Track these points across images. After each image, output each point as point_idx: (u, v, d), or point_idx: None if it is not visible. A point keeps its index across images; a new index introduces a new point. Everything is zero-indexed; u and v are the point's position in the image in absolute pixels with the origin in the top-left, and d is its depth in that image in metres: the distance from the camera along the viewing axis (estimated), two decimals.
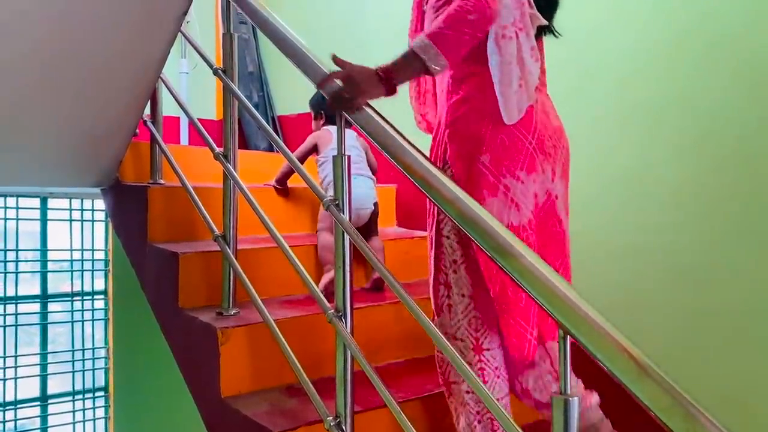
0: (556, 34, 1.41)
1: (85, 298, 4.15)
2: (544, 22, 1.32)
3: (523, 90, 1.27)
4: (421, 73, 1.27)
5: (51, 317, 4.08)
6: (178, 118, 3.86)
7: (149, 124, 2.21)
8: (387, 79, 1.24)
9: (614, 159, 1.99)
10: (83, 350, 4.15)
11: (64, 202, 4.04)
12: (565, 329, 0.81)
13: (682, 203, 1.84)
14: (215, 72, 1.83)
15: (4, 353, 3.87)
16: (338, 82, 1.27)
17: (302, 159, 2.30)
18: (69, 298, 4.09)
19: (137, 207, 2.13)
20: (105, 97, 1.91)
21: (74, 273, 4.14)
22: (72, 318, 4.12)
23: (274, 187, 2.42)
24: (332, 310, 1.27)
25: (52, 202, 4.03)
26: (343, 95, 1.25)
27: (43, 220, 4.01)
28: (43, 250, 4.03)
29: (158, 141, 2.15)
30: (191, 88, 3.81)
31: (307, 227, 2.44)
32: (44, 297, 4.03)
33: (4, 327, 3.89)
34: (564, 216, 1.37)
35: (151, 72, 1.87)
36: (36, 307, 4.04)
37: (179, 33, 1.78)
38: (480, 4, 1.19)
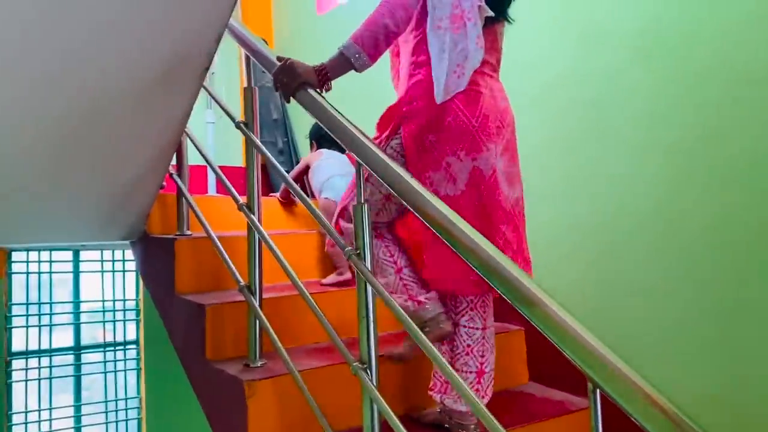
0: (509, 20, 1.60)
1: (117, 348, 4.19)
2: (491, 13, 1.50)
3: (456, 75, 1.47)
4: (348, 68, 1.49)
5: (84, 368, 4.12)
6: (206, 167, 3.94)
7: (175, 176, 2.26)
8: (321, 73, 1.49)
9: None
10: (116, 401, 4.17)
11: (95, 254, 4.12)
12: (595, 383, 0.79)
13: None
14: (237, 126, 1.87)
15: (39, 405, 3.91)
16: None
17: (297, 178, 2.67)
18: (102, 349, 4.13)
19: (164, 259, 2.15)
20: (131, 154, 1.95)
21: (107, 323, 4.20)
22: (105, 369, 4.15)
23: (279, 200, 2.74)
24: (356, 363, 1.25)
25: (84, 254, 4.11)
26: (282, 79, 1.51)
27: (76, 272, 4.09)
28: (76, 302, 4.09)
29: (184, 193, 2.19)
30: (219, 135, 3.89)
31: (331, 270, 2.44)
32: (78, 348, 4.08)
33: (39, 380, 3.93)
34: (506, 187, 1.56)
35: (175, 127, 1.91)
36: (70, 358, 4.10)
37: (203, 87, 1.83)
38: (393, 11, 1.44)
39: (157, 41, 1.61)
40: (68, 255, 4.00)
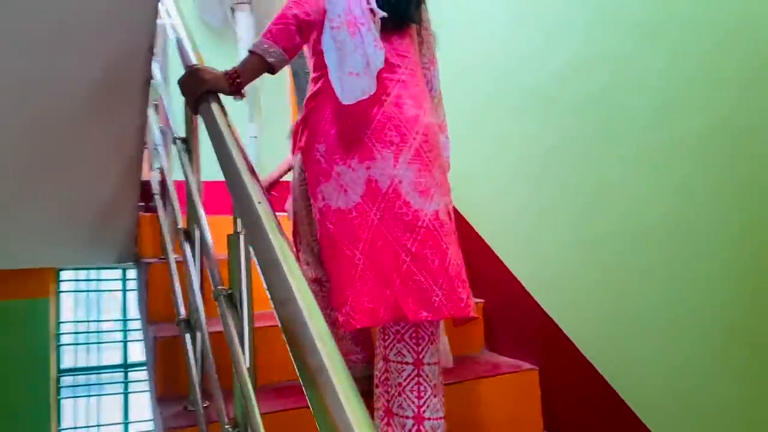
0: (416, 22, 1.51)
1: None
2: (383, 14, 1.39)
3: (355, 76, 1.35)
4: (262, 67, 1.36)
5: (131, 386, 4.15)
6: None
7: (156, 198, 2.13)
8: (231, 77, 1.34)
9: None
10: None
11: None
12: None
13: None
14: (174, 141, 1.71)
15: (88, 422, 3.97)
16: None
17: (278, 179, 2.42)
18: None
19: (143, 283, 2.04)
20: (93, 171, 1.86)
21: None
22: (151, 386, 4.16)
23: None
24: (228, 426, 1.01)
25: (131, 273, 4.16)
26: (187, 86, 1.34)
27: (124, 290, 4.15)
28: (124, 320, 4.14)
29: (158, 216, 2.05)
30: (265, 149, 3.76)
31: None
32: (125, 366, 4.13)
33: (89, 396, 4.00)
34: (415, 198, 1.38)
35: (131, 141, 1.79)
36: (119, 375, 4.15)
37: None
38: (300, 2, 1.36)
39: (90, 57, 1.50)
40: (117, 273, 4.07)
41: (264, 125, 3.70)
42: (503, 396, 1.86)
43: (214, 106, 1.24)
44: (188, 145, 1.60)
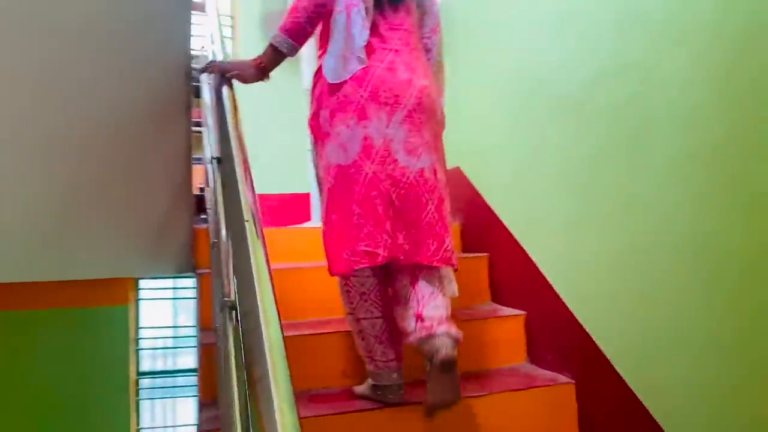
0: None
1: None
2: None
3: (341, 57, 1.60)
4: (279, 55, 1.68)
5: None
6: (309, 194, 4.00)
7: (209, 212, 2.27)
8: (256, 61, 1.69)
9: None
10: None
11: None
12: None
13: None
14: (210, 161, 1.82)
15: (165, 423, 4.21)
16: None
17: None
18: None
19: (198, 293, 2.17)
20: (149, 188, 2.00)
21: None
22: None
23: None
24: None
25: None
26: (216, 66, 1.72)
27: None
28: (197, 327, 4.36)
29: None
30: None
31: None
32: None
33: (165, 398, 4.25)
34: (403, 156, 1.58)
35: (179, 161, 1.92)
36: (193, 379, 4.37)
37: None
38: None
39: (132, 88, 1.64)
40: (192, 282, 4.31)
41: None
42: (538, 409, 1.84)
43: (225, 89, 1.36)
44: (221, 164, 1.71)
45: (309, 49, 3.94)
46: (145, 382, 4.20)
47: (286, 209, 3.91)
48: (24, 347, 3.46)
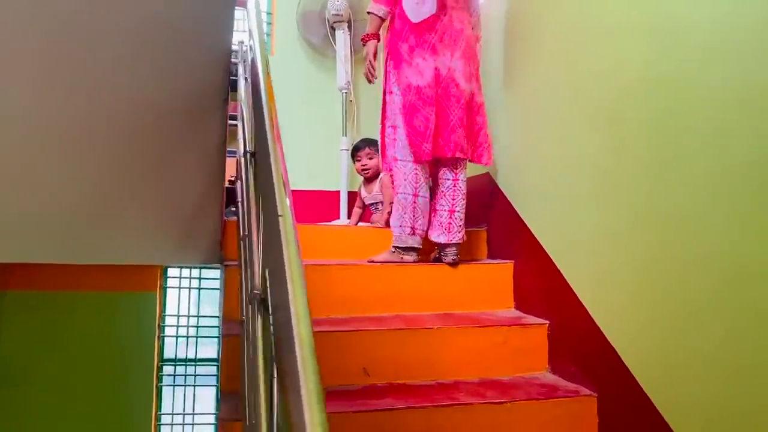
0: None
1: None
2: None
3: (421, 4, 2.32)
4: (376, 21, 2.43)
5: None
6: (338, 192, 4.02)
7: (239, 204, 2.30)
8: (363, 37, 2.49)
9: None
10: None
11: None
12: None
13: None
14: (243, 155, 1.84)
15: (184, 409, 4.27)
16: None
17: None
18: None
19: (222, 284, 2.20)
20: (181, 180, 2.04)
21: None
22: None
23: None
24: None
25: None
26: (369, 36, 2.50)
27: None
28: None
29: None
30: None
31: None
32: (219, 360, 4.39)
33: (185, 386, 4.31)
34: (462, 81, 2.35)
35: (214, 154, 1.95)
36: (213, 369, 4.43)
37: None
38: None
39: (171, 79, 1.67)
40: (217, 273, 4.37)
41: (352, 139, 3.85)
42: (558, 420, 1.83)
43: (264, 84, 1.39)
44: (255, 158, 1.73)
45: (343, 49, 4.00)
46: (167, 369, 4.26)
47: (316, 206, 3.94)
48: (60, 327, 3.58)
